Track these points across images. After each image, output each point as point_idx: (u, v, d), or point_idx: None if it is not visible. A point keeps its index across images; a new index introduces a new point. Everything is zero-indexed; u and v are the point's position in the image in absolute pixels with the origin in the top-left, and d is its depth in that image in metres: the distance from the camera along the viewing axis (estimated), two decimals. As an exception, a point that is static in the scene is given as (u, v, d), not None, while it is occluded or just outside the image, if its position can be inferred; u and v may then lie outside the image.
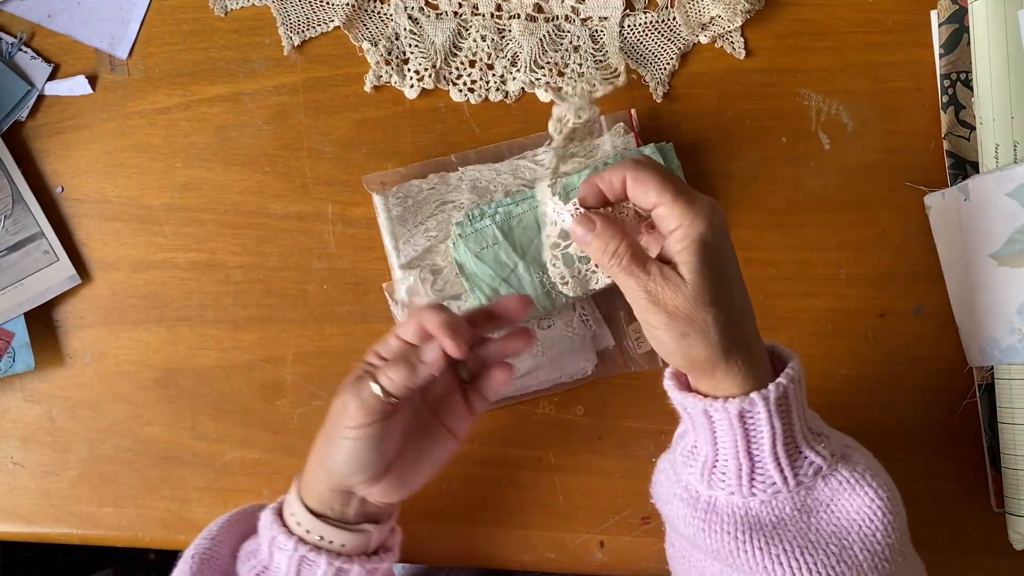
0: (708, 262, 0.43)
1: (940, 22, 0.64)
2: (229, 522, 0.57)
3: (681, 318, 0.43)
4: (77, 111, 0.66)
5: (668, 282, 0.44)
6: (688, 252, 0.43)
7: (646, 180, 0.44)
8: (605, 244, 0.46)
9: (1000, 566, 0.63)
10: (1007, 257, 0.57)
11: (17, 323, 0.63)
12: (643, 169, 0.45)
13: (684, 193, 0.44)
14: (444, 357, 0.49)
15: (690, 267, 0.43)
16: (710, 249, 0.43)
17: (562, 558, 0.63)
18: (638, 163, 0.45)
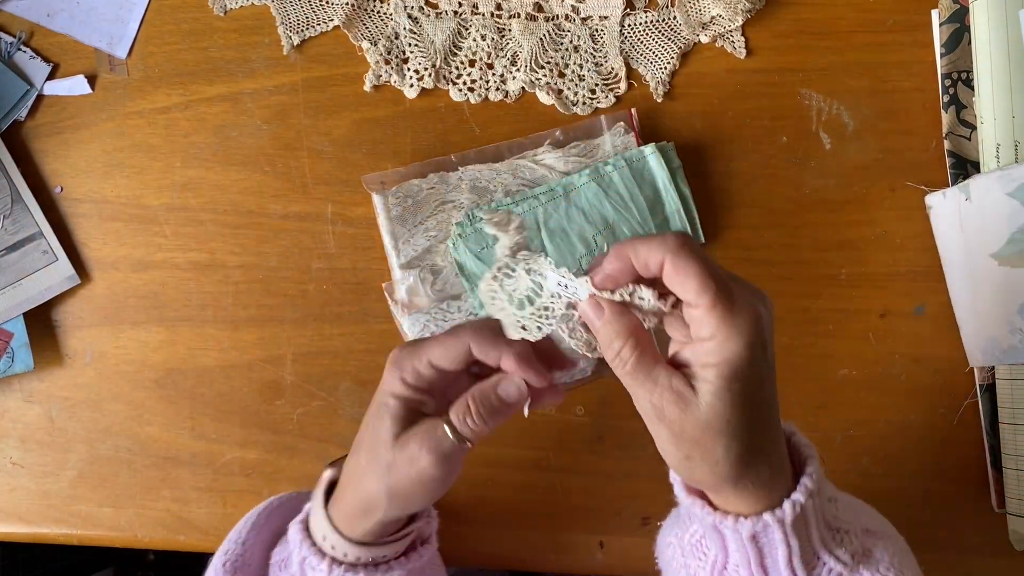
0: (734, 390, 0.37)
1: (941, 21, 0.64)
2: (257, 523, 0.54)
3: (687, 440, 0.38)
4: (76, 111, 0.65)
5: (678, 399, 0.38)
6: (713, 374, 0.37)
7: (687, 271, 0.37)
8: (610, 340, 0.40)
9: (1000, 566, 0.63)
10: (1008, 257, 0.57)
11: (16, 323, 0.63)
12: (687, 257, 0.37)
13: (725, 299, 0.37)
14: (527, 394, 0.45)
15: (711, 390, 0.37)
16: (740, 375, 0.37)
17: (562, 558, 0.63)
18: (682, 247, 0.38)
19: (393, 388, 0.45)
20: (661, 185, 0.63)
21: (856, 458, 0.63)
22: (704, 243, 0.64)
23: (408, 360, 0.45)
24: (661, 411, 0.38)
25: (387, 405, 0.45)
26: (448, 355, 0.44)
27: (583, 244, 0.62)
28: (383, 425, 0.45)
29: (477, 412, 0.44)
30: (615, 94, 0.65)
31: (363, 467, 0.46)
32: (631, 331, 0.40)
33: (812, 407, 0.64)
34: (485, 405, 0.44)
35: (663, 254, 0.38)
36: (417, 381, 0.45)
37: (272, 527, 0.54)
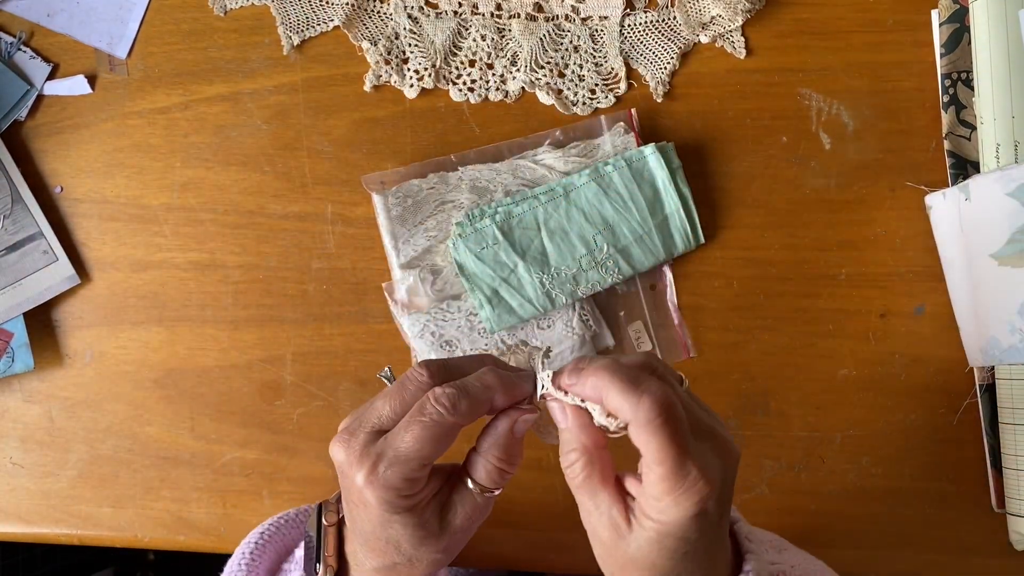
0: (667, 545, 0.38)
1: (941, 21, 0.64)
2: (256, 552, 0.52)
3: (613, 564, 0.39)
4: (76, 111, 0.65)
5: (613, 528, 0.39)
6: (650, 526, 0.38)
7: (649, 443, 0.36)
8: (567, 449, 0.40)
9: (1000, 566, 0.63)
10: (1008, 257, 0.57)
11: (16, 323, 0.63)
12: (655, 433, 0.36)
13: (678, 474, 0.36)
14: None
15: (645, 537, 0.38)
16: (677, 537, 0.37)
17: (562, 558, 0.63)
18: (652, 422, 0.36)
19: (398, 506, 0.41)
20: (661, 185, 0.63)
21: (856, 458, 0.63)
22: (704, 243, 0.64)
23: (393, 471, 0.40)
24: (595, 531, 0.40)
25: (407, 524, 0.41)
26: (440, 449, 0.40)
27: (583, 244, 0.62)
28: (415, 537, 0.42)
29: (508, 462, 0.42)
30: (615, 94, 0.65)
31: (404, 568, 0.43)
32: (586, 448, 0.40)
33: (812, 407, 0.64)
34: (509, 453, 0.42)
35: (630, 419, 0.37)
36: (419, 487, 0.41)
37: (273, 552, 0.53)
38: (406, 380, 0.42)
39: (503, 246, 0.62)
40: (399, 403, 0.41)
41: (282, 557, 0.54)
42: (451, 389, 0.40)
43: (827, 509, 0.63)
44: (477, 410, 0.41)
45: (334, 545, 0.46)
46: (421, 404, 0.40)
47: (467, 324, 0.62)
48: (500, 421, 0.42)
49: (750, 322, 0.64)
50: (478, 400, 0.41)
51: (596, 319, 0.63)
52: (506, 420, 0.42)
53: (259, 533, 0.53)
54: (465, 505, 0.43)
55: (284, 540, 0.54)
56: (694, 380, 0.64)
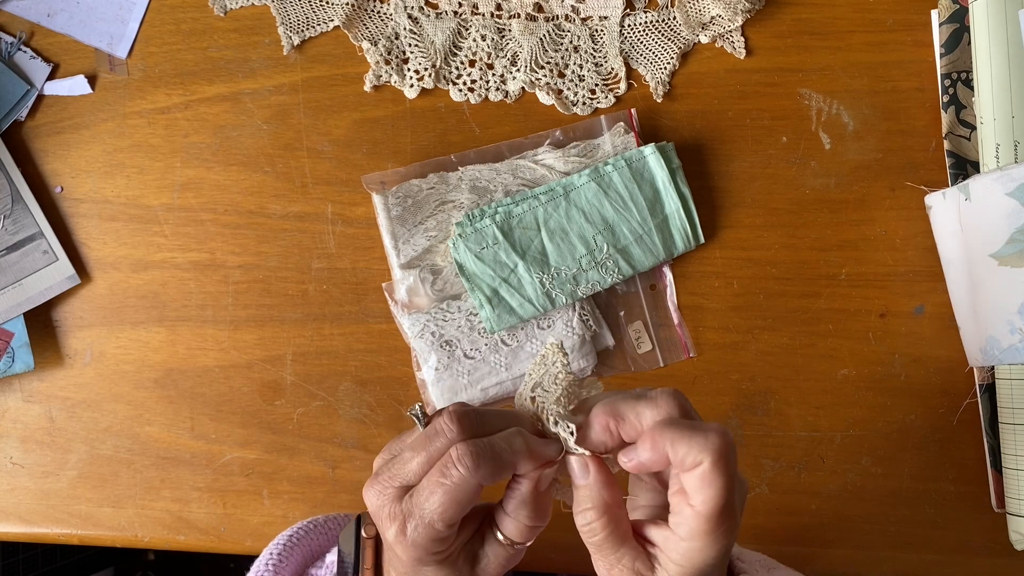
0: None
1: (940, 21, 0.64)
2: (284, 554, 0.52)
3: None
4: (76, 111, 0.65)
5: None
6: (679, 572, 0.38)
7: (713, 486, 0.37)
8: (583, 508, 0.40)
9: (1000, 566, 0.63)
10: (1008, 257, 0.57)
11: (16, 323, 0.63)
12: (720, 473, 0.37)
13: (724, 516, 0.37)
14: None
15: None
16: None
17: (562, 558, 0.63)
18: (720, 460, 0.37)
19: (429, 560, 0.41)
20: (661, 185, 0.63)
21: (856, 458, 0.63)
22: (704, 243, 0.64)
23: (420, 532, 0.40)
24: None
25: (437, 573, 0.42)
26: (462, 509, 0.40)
27: (583, 244, 0.62)
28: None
29: (537, 519, 0.42)
30: (615, 94, 0.65)
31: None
32: (608, 506, 0.40)
33: (812, 407, 0.64)
34: (537, 511, 0.42)
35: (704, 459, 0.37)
36: (448, 544, 0.41)
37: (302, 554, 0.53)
38: (434, 433, 0.41)
39: (503, 246, 0.62)
40: (426, 458, 0.41)
41: (308, 561, 0.54)
42: (475, 448, 0.39)
43: (827, 509, 0.63)
44: (500, 473, 0.40)
45: (372, 559, 0.46)
46: (444, 463, 0.39)
47: (467, 324, 0.62)
48: (524, 481, 0.42)
49: (750, 322, 0.64)
50: (502, 462, 0.40)
51: (596, 319, 0.63)
52: (529, 481, 0.41)
53: (288, 536, 0.54)
54: (498, 556, 0.43)
55: (312, 545, 0.54)
56: (694, 380, 0.64)
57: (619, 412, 0.40)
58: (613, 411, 0.40)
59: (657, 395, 0.40)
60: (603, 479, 0.40)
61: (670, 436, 0.38)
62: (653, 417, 0.39)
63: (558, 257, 0.62)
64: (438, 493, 0.39)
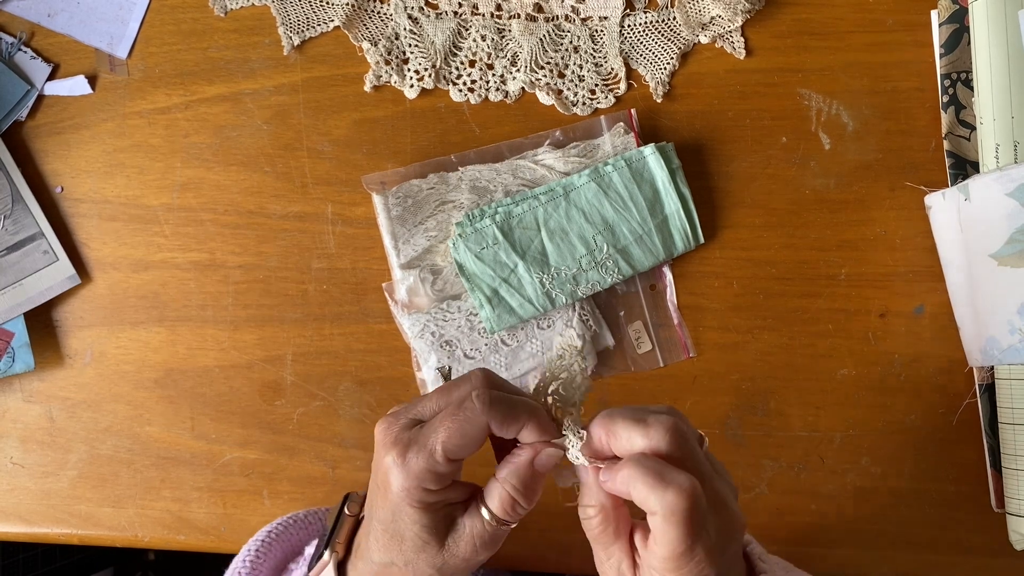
0: None
1: (940, 22, 0.64)
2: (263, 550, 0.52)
3: None
4: (77, 111, 0.65)
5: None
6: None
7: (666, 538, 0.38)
8: (587, 503, 0.42)
9: (1000, 566, 0.63)
10: (1007, 257, 0.57)
11: (17, 323, 0.63)
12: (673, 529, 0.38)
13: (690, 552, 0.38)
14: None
15: None
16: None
17: (562, 558, 0.63)
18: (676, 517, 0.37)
19: (415, 497, 0.41)
20: (661, 185, 0.63)
21: (856, 458, 0.63)
22: (704, 243, 0.64)
23: (415, 462, 0.40)
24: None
25: (417, 522, 0.42)
26: (466, 444, 0.40)
27: (583, 244, 0.62)
28: (418, 541, 0.42)
29: (524, 495, 0.42)
30: (615, 94, 0.65)
31: (399, 571, 0.44)
32: (605, 506, 0.41)
33: (812, 407, 0.64)
34: (527, 485, 0.42)
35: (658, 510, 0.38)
36: (441, 483, 0.42)
37: (281, 549, 0.53)
38: (462, 379, 0.43)
39: (503, 246, 0.62)
40: (445, 400, 0.42)
41: (289, 557, 0.54)
42: (493, 393, 0.41)
43: (827, 509, 0.63)
44: (509, 422, 0.41)
45: (347, 534, 0.47)
46: (460, 400, 0.41)
47: (467, 324, 0.62)
48: (523, 450, 0.43)
49: (750, 322, 0.64)
50: (514, 414, 0.41)
51: (596, 319, 0.63)
52: (529, 450, 0.42)
53: (267, 531, 0.54)
54: (474, 529, 0.43)
55: (292, 540, 0.54)
56: (694, 380, 0.64)
57: (614, 430, 0.41)
58: (608, 427, 0.41)
59: (652, 422, 0.40)
60: (596, 483, 0.42)
61: (635, 477, 0.38)
62: (640, 446, 0.40)
63: (558, 257, 0.62)
64: (447, 422, 0.40)
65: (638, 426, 0.40)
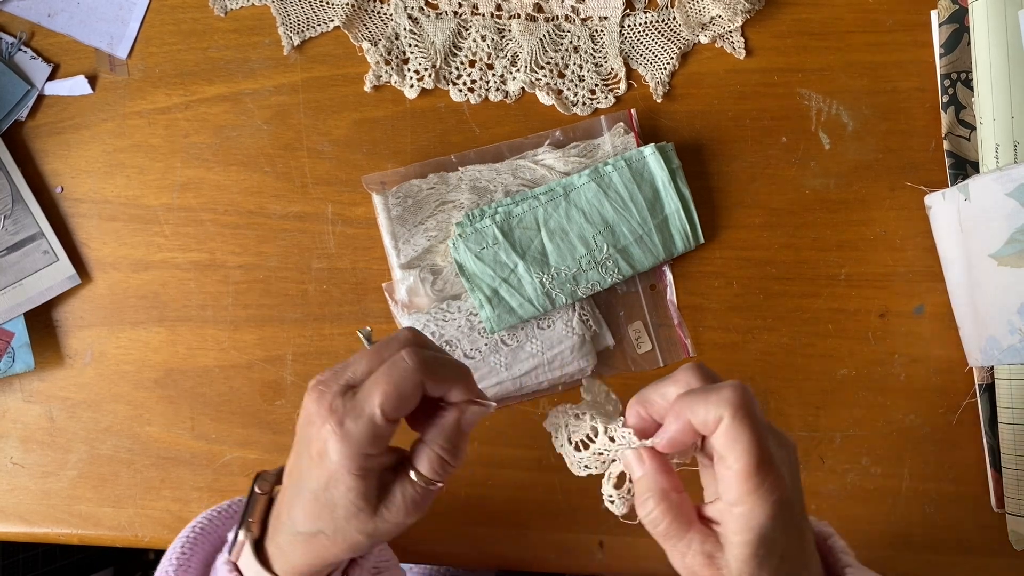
0: (760, 555, 0.38)
1: (940, 22, 0.64)
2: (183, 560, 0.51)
3: None
4: (77, 111, 0.65)
5: (709, 562, 0.39)
6: (740, 542, 0.38)
7: (739, 439, 0.37)
8: (644, 498, 0.41)
9: (1000, 566, 0.63)
10: (1007, 257, 0.57)
11: (17, 323, 0.63)
12: (743, 424, 0.37)
13: (760, 471, 0.37)
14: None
15: (739, 556, 0.38)
16: (766, 542, 0.38)
17: (562, 558, 0.63)
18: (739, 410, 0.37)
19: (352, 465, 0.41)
20: (661, 185, 0.63)
21: (856, 458, 0.63)
22: (704, 243, 0.64)
23: (354, 424, 0.40)
24: (695, 572, 0.39)
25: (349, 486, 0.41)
26: (403, 403, 0.40)
27: (583, 244, 0.62)
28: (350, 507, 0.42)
29: (452, 454, 0.42)
30: (615, 94, 0.65)
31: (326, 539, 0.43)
32: (666, 493, 0.40)
33: (812, 407, 0.64)
34: (454, 444, 0.42)
35: (722, 413, 0.38)
36: (381, 447, 0.41)
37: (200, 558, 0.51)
38: (391, 340, 0.43)
39: (503, 246, 0.62)
40: (377, 361, 0.42)
41: (218, 550, 0.52)
42: (423, 352, 0.41)
43: (827, 509, 0.63)
44: (439, 379, 0.41)
45: (260, 512, 0.46)
46: (391, 359, 0.41)
47: (467, 324, 0.62)
48: (449, 411, 0.43)
49: (750, 322, 0.64)
50: (444, 371, 0.41)
51: (596, 319, 0.63)
52: (455, 411, 0.43)
53: (192, 527, 0.52)
54: (405, 494, 0.43)
55: (220, 532, 0.52)
56: (694, 380, 0.64)
57: (646, 399, 0.42)
58: (641, 400, 0.42)
59: (678, 372, 0.41)
60: (658, 465, 0.41)
61: (688, 403, 0.39)
62: (676, 393, 0.40)
63: (558, 257, 0.62)
64: (381, 382, 0.40)
65: (665, 382, 0.41)
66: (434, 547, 0.63)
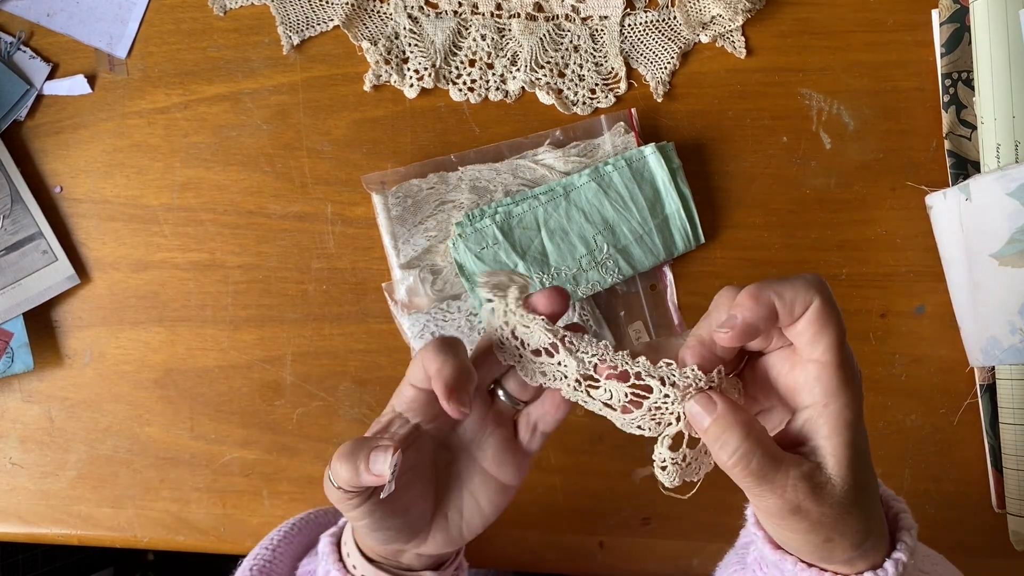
0: (859, 455, 0.36)
1: (941, 21, 0.64)
2: (290, 532, 0.54)
3: (827, 525, 0.36)
4: (76, 111, 0.65)
5: (814, 488, 0.35)
6: (838, 444, 0.36)
7: (829, 325, 0.35)
8: (724, 439, 0.36)
9: (1000, 566, 0.63)
10: (1008, 257, 0.57)
11: (16, 323, 0.63)
12: (831, 309, 0.35)
13: (850, 361, 0.36)
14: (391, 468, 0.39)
15: (841, 462, 0.35)
16: (858, 440, 0.36)
17: (562, 558, 0.63)
18: (829, 298, 0.36)
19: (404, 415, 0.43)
20: (661, 185, 0.63)
21: (856, 458, 0.63)
22: (704, 243, 0.64)
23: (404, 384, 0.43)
24: (797, 506, 0.35)
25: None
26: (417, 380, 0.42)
27: (583, 244, 0.62)
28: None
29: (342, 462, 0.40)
30: (615, 94, 0.65)
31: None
32: (747, 423, 0.36)
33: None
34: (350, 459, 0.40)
35: (812, 297, 0.35)
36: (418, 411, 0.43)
37: (304, 539, 0.54)
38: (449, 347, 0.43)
39: (503, 246, 0.62)
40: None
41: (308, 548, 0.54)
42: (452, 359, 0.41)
43: (827, 509, 0.63)
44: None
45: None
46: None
47: (467, 324, 0.62)
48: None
49: (750, 322, 0.64)
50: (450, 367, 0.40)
51: (596, 319, 0.63)
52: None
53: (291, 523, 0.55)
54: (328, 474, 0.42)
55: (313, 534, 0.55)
56: (694, 380, 0.64)
57: (700, 337, 0.38)
58: (696, 339, 0.38)
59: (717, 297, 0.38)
60: (731, 403, 0.37)
61: (773, 287, 0.36)
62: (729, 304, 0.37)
63: (558, 257, 0.62)
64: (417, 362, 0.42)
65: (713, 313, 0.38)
66: (434, 547, 0.63)
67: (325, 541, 0.48)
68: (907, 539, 0.38)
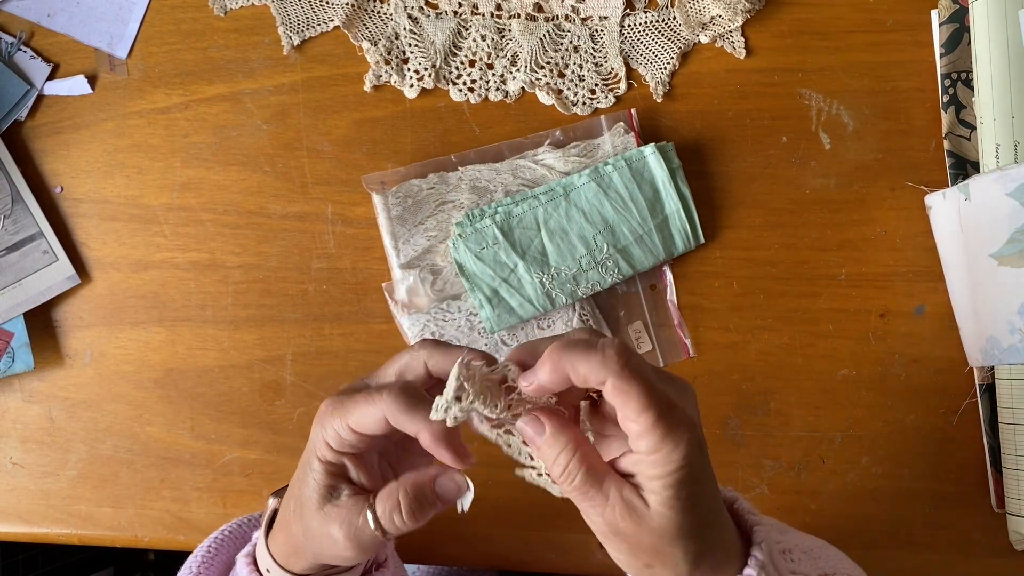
0: (683, 496, 0.37)
1: (941, 22, 0.64)
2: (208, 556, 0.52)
3: (645, 550, 0.37)
4: (76, 111, 0.65)
5: (631, 512, 0.37)
6: (660, 485, 0.37)
7: (629, 393, 0.36)
8: (555, 455, 0.38)
9: (1000, 566, 0.63)
10: (1008, 257, 0.57)
11: (16, 323, 0.63)
12: (629, 379, 0.36)
13: (666, 416, 0.36)
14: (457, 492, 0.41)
15: (661, 500, 0.37)
16: (686, 482, 0.37)
17: (562, 558, 0.63)
18: (624, 368, 0.36)
19: (318, 450, 0.43)
20: (661, 185, 0.63)
21: (856, 458, 0.63)
22: (704, 243, 0.64)
23: (331, 420, 0.42)
24: (615, 526, 0.37)
25: (312, 468, 0.43)
26: (366, 422, 0.41)
27: (583, 244, 0.62)
28: (307, 489, 0.43)
29: (408, 509, 0.41)
30: (615, 94, 0.65)
31: (291, 518, 0.44)
32: (575, 444, 0.38)
33: (812, 407, 0.64)
34: (418, 501, 0.41)
35: (606, 375, 0.36)
36: (340, 445, 0.42)
37: (223, 559, 0.53)
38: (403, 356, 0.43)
39: (503, 246, 0.62)
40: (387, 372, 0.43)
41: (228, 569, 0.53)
42: (408, 387, 0.40)
43: (827, 509, 0.63)
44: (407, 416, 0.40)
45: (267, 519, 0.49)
46: (378, 389, 0.41)
47: (467, 324, 0.62)
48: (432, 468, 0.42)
49: (750, 322, 0.64)
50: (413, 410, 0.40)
51: (596, 319, 0.63)
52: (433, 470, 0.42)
53: (220, 531, 0.54)
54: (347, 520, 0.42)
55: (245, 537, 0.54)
56: (694, 380, 0.64)
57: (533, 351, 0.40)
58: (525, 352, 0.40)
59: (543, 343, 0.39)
60: (558, 422, 0.39)
61: (570, 360, 0.37)
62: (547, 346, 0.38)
63: (558, 257, 0.62)
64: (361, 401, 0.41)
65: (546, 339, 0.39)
66: (434, 547, 0.63)
67: (242, 563, 0.48)
68: (758, 553, 0.40)
